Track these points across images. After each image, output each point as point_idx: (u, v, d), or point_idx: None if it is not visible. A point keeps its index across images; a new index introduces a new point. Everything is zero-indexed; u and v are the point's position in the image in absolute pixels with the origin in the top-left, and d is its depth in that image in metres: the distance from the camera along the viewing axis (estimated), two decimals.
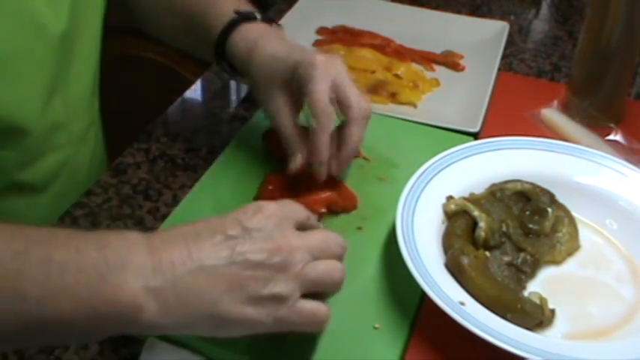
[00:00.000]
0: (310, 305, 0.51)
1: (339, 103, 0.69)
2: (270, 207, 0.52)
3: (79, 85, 0.80)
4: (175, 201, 0.75)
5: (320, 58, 0.68)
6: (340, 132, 0.70)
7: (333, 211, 0.72)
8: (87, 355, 0.60)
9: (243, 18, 0.75)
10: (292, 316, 0.50)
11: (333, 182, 0.72)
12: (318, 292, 0.52)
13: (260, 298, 0.49)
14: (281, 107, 0.71)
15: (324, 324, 0.53)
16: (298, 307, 0.50)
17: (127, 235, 0.49)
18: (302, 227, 0.53)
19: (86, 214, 0.75)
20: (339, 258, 0.54)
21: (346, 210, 0.72)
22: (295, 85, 0.70)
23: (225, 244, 0.49)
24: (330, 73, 0.68)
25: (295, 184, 0.72)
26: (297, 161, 0.71)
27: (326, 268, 0.52)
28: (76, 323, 0.46)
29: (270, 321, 0.50)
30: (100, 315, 0.46)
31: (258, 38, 0.73)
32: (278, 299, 0.49)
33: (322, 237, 0.53)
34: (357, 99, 0.69)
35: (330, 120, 0.67)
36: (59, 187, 0.81)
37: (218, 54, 0.77)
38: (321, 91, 0.67)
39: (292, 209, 0.54)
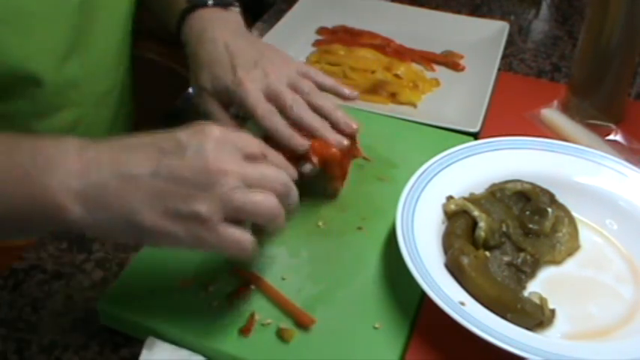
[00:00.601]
0: (232, 231, 0.51)
1: (278, 107, 0.69)
2: (215, 130, 0.52)
3: (98, 50, 0.82)
4: None
5: (245, 83, 0.69)
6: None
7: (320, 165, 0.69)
8: (87, 355, 0.60)
9: (193, 6, 0.77)
10: (211, 238, 0.50)
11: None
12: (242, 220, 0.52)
13: (178, 214, 0.49)
14: (211, 102, 0.73)
15: (246, 252, 0.52)
16: (219, 230, 0.50)
17: (62, 142, 0.52)
18: (252, 159, 0.54)
19: None
20: (280, 195, 0.54)
21: (327, 160, 0.69)
22: (229, 100, 0.71)
23: (154, 155, 0.50)
24: (257, 88, 0.69)
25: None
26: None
27: (255, 199, 0.51)
28: (6, 221, 0.51)
29: (188, 238, 0.50)
30: (27, 213, 0.50)
31: (202, 30, 0.75)
32: (196, 218, 0.50)
33: (263, 169, 0.53)
34: (290, 97, 0.69)
35: (272, 111, 0.68)
36: None
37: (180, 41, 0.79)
38: (257, 105, 0.68)
39: (243, 139, 0.54)
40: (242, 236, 0.52)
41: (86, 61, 0.81)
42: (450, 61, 1.00)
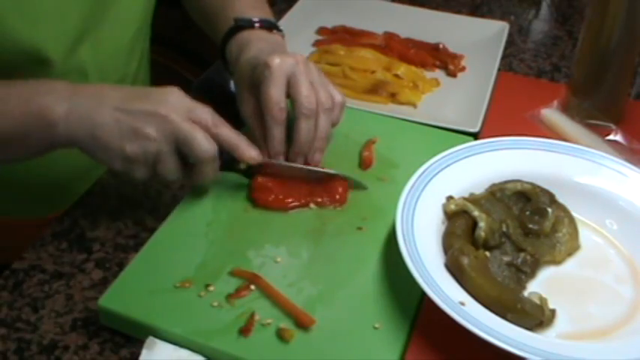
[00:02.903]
0: (175, 161, 0.66)
1: (292, 100, 0.71)
2: (175, 92, 0.68)
3: (109, 41, 0.84)
4: (175, 201, 0.75)
5: (275, 59, 0.71)
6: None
7: (321, 204, 0.72)
8: (87, 355, 0.60)
9: (239, 27, 0.80)
10: (160, 163, 0.66)
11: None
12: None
13: (134, 132, 0.64)
14: (249, 110, 0.75)
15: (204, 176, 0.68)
16: (165, 157, 0.65)
17: (54, 83, 0.67)
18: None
19: (86, 213, 0.75)
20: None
21: (335, 203, 0.72)
22: (255, 85, 0.73)
23: (128, 99, 0.66)
24: (283, 72, 0.70)
25: (284, 174, 0.73)
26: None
27: (197, 134, 0.65)
28: (14, 137, 0.66)
29: (139, 155, 0.65)
30: (29, 127, 0.65)
31: (244, 45, 0.77)
32: (145, 137, 0.64)
33: (197, 132, 0.66)
34: (305, 95, 0.70)
35: (279, 117, 0.71)
36: None
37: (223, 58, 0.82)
38: (271, 90, 0.70)
39: (199, 107, 0.67)
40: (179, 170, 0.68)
41: (97, 50, 0.82)
42: (447, 64, 1.00)
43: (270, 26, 0.81)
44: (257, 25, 0.80)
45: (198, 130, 0.65)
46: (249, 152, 0.70)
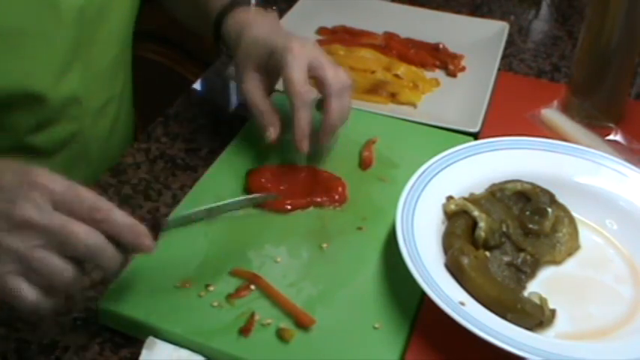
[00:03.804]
0: (16, 283, 0.51)
1: (317, 82, 0.73)
2: (39, 177, 0.52)
3: (101, 61, 0.83)
4: (175, 201, 0.75)
5: (295, 44, 0.72)
6: (322, 107, 0.73)
7: (320, 204, 0.73)
8: (87, 355, 0.60)
9: (235, 3, 0.80)
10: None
11: (321, 175, 0.75)
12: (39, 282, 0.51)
13: None
14: (254, 87, 0.75)
15: (24, 309, 0.52)
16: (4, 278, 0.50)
17: None
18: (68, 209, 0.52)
19: None
20: (81, 257, 0.52)
21: (334, 203, 0.73)
22: (271, 68, 0.74)
23: None
24: (305, 56, 0.72)
25: (283, 175, 0.75)
26: (272, 133, 0.74)
27: (49, 261, 0.51)
28: None
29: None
30: None
31: (246, 24, 0.78)
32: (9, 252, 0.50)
33: (64, 224, 0.51)
34: (332, 75, 0.73)
35: (307, 98, 0.71)
36: (67, 156, 0.83)
37: (216, 36, 0.82)
38: (296, 73, 0.71)
39: (69, 190, 0.52)
40: (22, 289, 0.51)
41: (85, 75, 0.80)
42: (446, 64, 1.00)
43: (264, 3, 0.82)
44: (254, 2, 0.81)
45: (75, 223, 0.51)
46: (148, 241, 0.56)
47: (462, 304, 0.58)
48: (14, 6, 0.69)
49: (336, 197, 0.73)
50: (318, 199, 0.73)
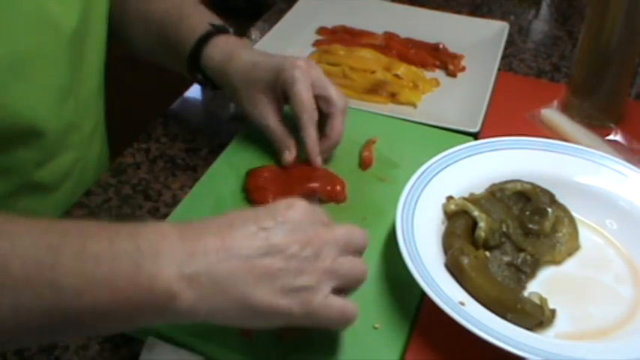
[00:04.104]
0: (339, 301, 0.52)
1: (322, 99, 0.75)
2: (301, 202, 0.53)
3: (89, 83, 0.82)
4: (175, 201, 0.75)
5: (300, 62, 0.74)
6: (326, 124, 0.75)
7: (322, 200, 0.73)
8: (87, 355, 0.60)
9: (217, 30, 0.80)
10: (322, 310, 0.50)
11: (320, 173, 0.75)
12: (342, 288, 0.53)
13: (292, 289, 0.49)
14: (266, 109, 0.76)
15: (352, 322, 0.53)
16: (328, 302, 0.51)
17: (158, 225, 0.49)
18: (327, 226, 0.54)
19: (86, 214, 0.75)
20: (361, 251, 0.55)
21: (335, 199, 0.73)
22: (279, 87, 0.75)
23: (258, 235, 0.49)
24: (310, 74, 0.74)
25: (284, 177, 0.75)
26: (289, 156, 0.76)
27: (350, 265, 0.53)
28: (112, 313, 0.46)
29: (301, 313, 0.50)
30: (135, 303, 0.46)
31: (234, 49, 0.78)
32: (310, 290, 0.50)
33: (347, 230, 0.54)
34: (336, 94, 0.75)
35: (315, 116, 0.74)
36: (69, 187, 0.82)
37: (192, 66, 0.80)
38: (305, 92, 0.73)
39: (316, 209, 0.54)
40: (347, 305, 0.52)
41: (79, 98, 0.79)
42: (446, 64, 1.00)
43: (237, 34, 0.83)
44: (231, 30, 0.82)
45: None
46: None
47: (462, 304, 0.58)
48: (17, 29, 0.67)
49: (337, 189, 0.73)
50: (314, 185, 0.73)
